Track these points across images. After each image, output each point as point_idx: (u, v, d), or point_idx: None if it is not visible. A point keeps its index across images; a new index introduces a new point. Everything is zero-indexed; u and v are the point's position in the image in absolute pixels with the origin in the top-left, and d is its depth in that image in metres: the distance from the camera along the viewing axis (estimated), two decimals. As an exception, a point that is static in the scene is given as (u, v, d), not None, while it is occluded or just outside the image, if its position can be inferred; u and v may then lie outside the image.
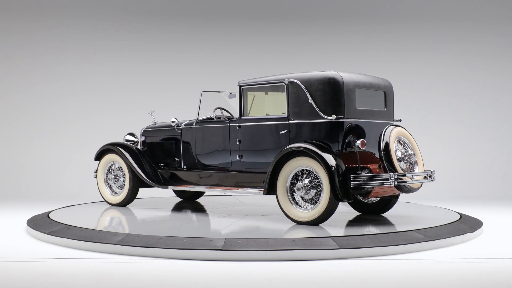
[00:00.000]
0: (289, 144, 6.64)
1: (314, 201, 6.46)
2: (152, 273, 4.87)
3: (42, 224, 6.75)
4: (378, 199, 7.20)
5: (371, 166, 6.46)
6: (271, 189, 6.70)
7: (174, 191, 9.20)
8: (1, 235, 6.81)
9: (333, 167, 6.19)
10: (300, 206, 6.56)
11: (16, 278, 4.74)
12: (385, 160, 6.41)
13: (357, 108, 6.62)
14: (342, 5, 12.07)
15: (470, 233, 6.41)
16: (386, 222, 6.76)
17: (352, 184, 6.16)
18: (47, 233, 6.28)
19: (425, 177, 6.60)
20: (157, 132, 8.47)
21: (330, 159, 6.25)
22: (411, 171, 6.60)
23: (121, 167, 8.39)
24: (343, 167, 6.24)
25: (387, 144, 6.44)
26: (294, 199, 6.60)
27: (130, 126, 11.54)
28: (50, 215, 7.21)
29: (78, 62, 11.83)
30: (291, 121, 6.75)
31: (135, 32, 11.92)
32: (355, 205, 7.44)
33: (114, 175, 8.48)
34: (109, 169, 8.56)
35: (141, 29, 11.93)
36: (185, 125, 8.00)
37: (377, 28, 11.95)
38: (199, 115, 7.79)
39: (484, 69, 11.89)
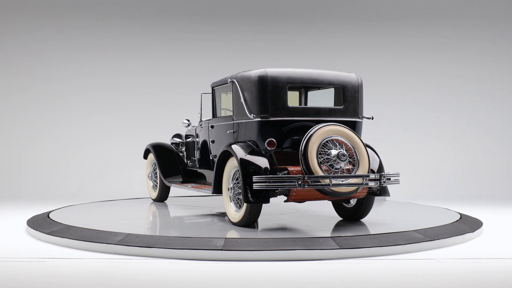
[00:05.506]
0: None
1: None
2: (152, 273, 4.87)
3: (42, 224, 6.75)
4: (354, 203, 6.73)
5: (296, 168, 6.03)
6: (220, 189, 6.61)
7: None
8: (1, 235, 6.81)
9: (249, 167, 5.96)
10: (240, 207, 6.34)
11: (16, 278, 4.74)
12: (302, 162, 5.88)
13: (290, 107, 6.32)
14: (344, 5, 12.07)
15: (470, 233, 6.41)
16: (386, 222, 6.75)
17: (254, 185, 5.82)
18: (47, 233, 6.28)
19: (374, 180, 6.01)
20: (190, 133, 8.72)
21: (246, 159, 6.03)
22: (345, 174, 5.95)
23: None
24: (262, 168, 5.94)
25: (306, 144, 5.91)
26: (236, 199, 6.40)
27: (131, 126, 11.58)
28: (50, 215, 7.21)
29: (78, 61, 11.82)
30: (234, 121, 6.69)
31: (134, 31, 11.91)
32: (336, 209, 7.08)
33: (154, 173, 8.95)
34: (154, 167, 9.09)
35: (141, 28, 11.92)
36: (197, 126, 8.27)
37: (378, 26, 11.97)
38: (202, 116, 7.97)
39: (487, 68, 11.88)
